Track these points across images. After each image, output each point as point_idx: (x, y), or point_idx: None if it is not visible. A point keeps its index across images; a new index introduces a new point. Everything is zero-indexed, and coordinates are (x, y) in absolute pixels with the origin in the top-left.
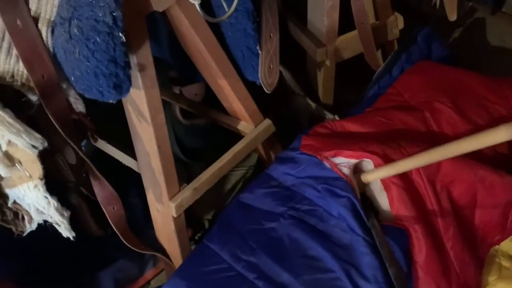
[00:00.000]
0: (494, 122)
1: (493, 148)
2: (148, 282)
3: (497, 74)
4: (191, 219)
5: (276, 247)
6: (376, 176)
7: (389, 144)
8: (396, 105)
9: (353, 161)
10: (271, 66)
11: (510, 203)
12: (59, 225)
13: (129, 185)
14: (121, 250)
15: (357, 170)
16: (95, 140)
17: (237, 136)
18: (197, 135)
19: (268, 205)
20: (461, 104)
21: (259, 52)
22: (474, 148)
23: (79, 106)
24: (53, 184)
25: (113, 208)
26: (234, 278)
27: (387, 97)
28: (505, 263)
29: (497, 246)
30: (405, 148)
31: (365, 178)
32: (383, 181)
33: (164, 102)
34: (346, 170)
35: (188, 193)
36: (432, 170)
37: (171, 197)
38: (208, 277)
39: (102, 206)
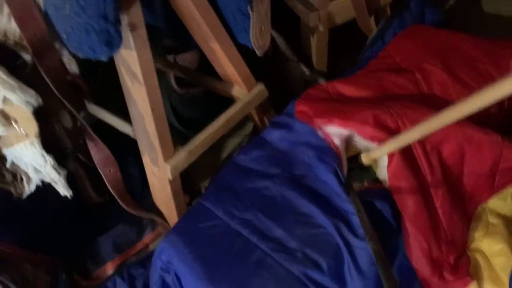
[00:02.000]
0: (484, 83)
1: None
2: (147, 246)
3: None
4: (188, 186)
5: (269, 204)
6: (381, 153)
7: (379, 107)
8: (388, 68)
9: (345, 132)
10: (262, 28)
11: (497, 161)
12: (56, 183)
13: (128, 156)
14: (120, 216)
15: (349, 139)
16: (89, 102)
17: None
18: (193, 104)
19: (263, 166)
20: (451, 65)
21: (250, 13)
22: (482, 105)
23: (73, 66)
24: (51, 151)
25: (110, 171)
26: (228, 233)
27: (379, 60)
28: (492, 220)
29: (484, 204)
30: (394, 110)
31: (371, 156)
32: None
33: (159, 72)
34: (337, 141)
35: (183, 156)
36: None
37: (166, 159)
38: (203, 233)
39: (98, 169)
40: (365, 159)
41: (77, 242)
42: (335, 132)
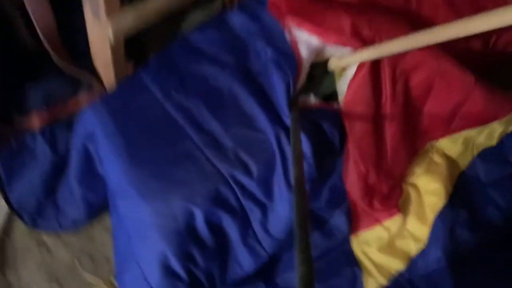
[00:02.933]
0: (477, 12)
1: (467, 40)
2: (80, 107)
3: None
4: (139, 56)
5: (213, 95)
6: (353, 60)
7: (359, 17)
8: None
9: (315, 42)
10: None
11: (462, 103)
12: None
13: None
14: (57, 69)
15: (318, 50)
16: None
17: None
18: None
19: (216, 50)
20: None
21: None
22: (464, 33)
23: None
24: None
25: (42, 16)
26: (161, 116)
27: None
28: (436, 158)
29: (434, 142)
30: (375, 24)
31: (341, 62)
32: None
33: None
34: (304, 52)
35: (129, 17)
36: (397, 55)
37: (109, 14)
38: (134, 109)
39: (29, 12)
40: (335, 64)
41: (4, 87)
42: (304, 39)
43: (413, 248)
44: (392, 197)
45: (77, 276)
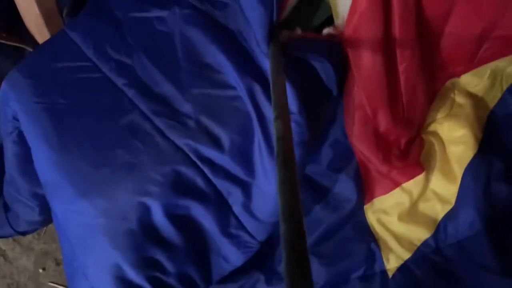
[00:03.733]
0: None
1: None
2: None
3: None
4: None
5: (161, 46)
6: None
7: None
8: None
9: None
10: None
11: (493, 24)
12: None
13: None
14: None
15: None
16: None
17: None
18: None
19: None
20: None
21: None
22: None
23: None
24: None
25: None
26: (95, 81)
27: None
28: (459, 99)
29: (455, 79)
30: None
31: None
32: None
33: None
34: None
35: None
36: None
37: None
38: (61, 76)
39: None
40: None
41: None
42: None
43: (439, 211)
44: (412, 151)
45: (42, 285)
